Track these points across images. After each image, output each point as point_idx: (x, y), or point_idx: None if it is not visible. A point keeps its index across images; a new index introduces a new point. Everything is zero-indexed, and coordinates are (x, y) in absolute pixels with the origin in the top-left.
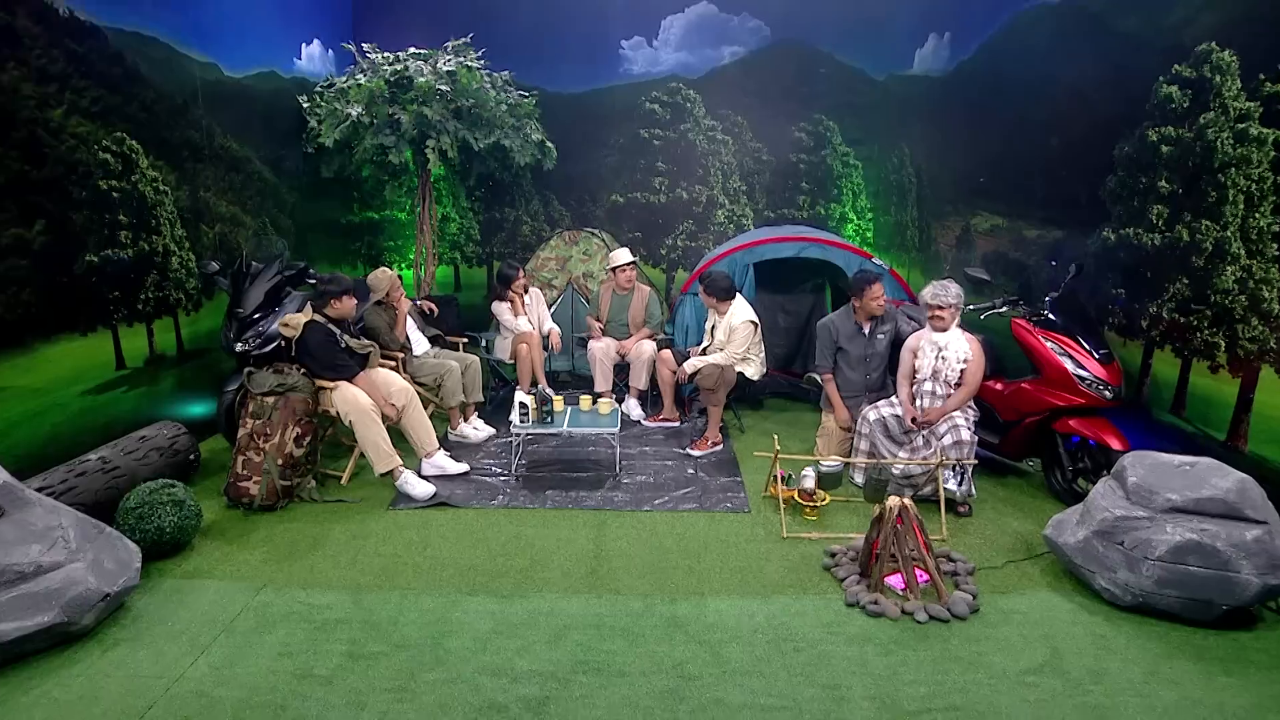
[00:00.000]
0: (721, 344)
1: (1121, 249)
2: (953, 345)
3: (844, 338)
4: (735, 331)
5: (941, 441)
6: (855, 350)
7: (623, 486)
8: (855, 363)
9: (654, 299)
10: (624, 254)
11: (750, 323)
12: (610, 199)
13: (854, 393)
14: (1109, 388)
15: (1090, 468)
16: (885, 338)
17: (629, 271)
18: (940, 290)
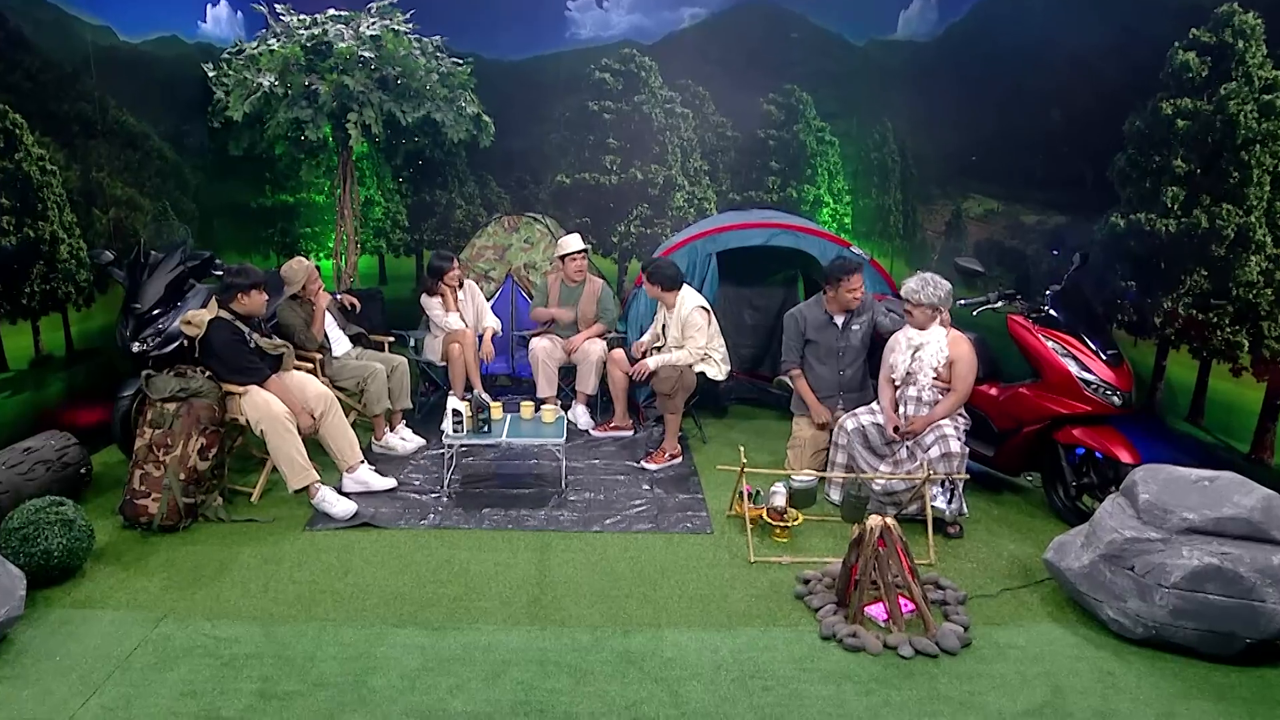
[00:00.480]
0: (678, 340)
1: (1132, 236)
2: (930, 345)
3: (813, 328)
4: (688, 323)
5: (928, 454)
6: (826, 342)
7: (569, 504)
8: (826, 356)
9: (607, 293)
10: (574, 241)
11: (701, 309)
12: (555, 180)
13: (828, 392)
14: (1117, 393)
15: (1096, 483)
16: (860, 329)
17: (579, 261)
18: (918, 286)
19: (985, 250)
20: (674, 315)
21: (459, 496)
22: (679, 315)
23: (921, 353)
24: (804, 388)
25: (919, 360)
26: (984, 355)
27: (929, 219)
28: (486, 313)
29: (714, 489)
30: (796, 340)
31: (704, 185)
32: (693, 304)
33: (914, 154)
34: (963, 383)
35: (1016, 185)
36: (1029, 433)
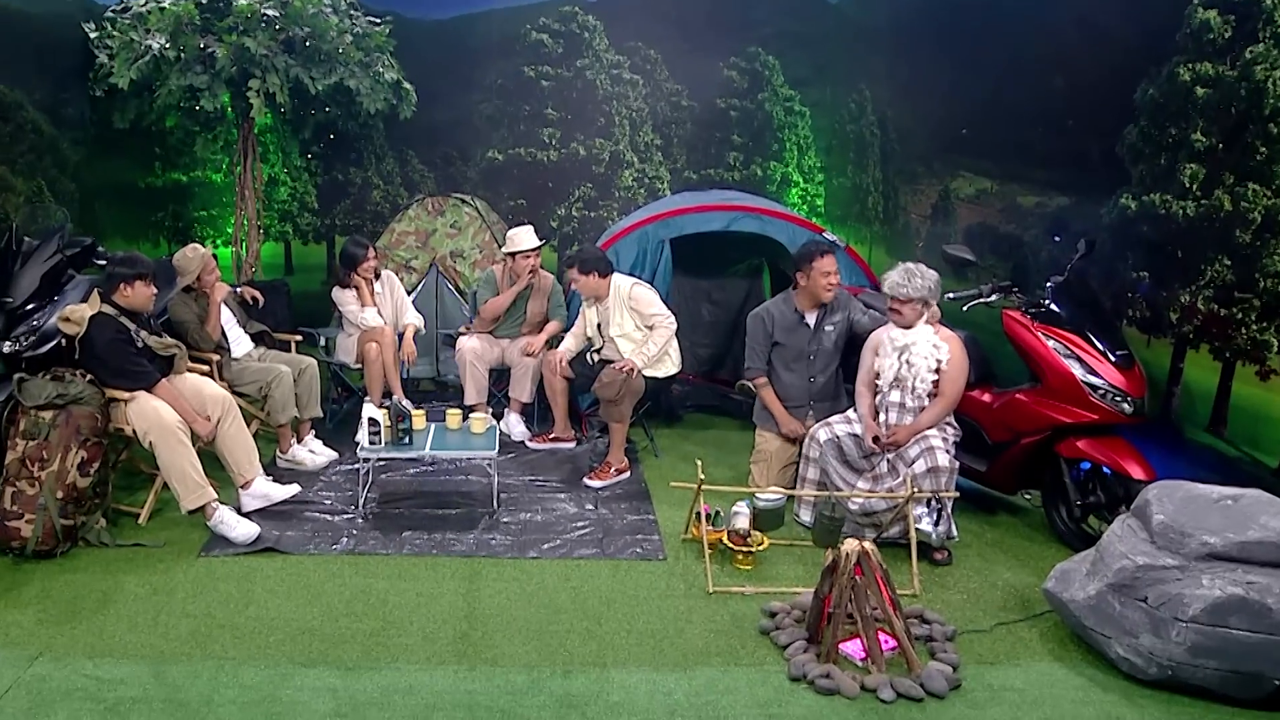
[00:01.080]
0: (625, 331)
1: (1144, 220)
2: (920, 346)
3: (781, 329)
4: (639, 302)
5: (912, 468)
6: (795, 344)
7: (502, 527)
8: (795, 361)
9: (558, 291)
10: (527, 237)
11: (641, 284)
12: (486, 157)
13: (796, 402)
14: (1128, 399)
15: (1104, 502)
16: (834, 330)
17: (532, 260)
18: (903, 279)
19: (977, 236)
20: (611, 305)
21: (376, 518)
22: (619, 302)
23: (911, 354)
24: (770, 398)
25: (909, 364)
26: (976, 356)
27: (913, 201)
28: (407, 308)
29: (667, 509)
30: (762, 344)
31: (656, 162)
32: (629, 283)
33: (896, 126)
34: (952, 387)
35: (1013, 162)
36: (1027, 445)
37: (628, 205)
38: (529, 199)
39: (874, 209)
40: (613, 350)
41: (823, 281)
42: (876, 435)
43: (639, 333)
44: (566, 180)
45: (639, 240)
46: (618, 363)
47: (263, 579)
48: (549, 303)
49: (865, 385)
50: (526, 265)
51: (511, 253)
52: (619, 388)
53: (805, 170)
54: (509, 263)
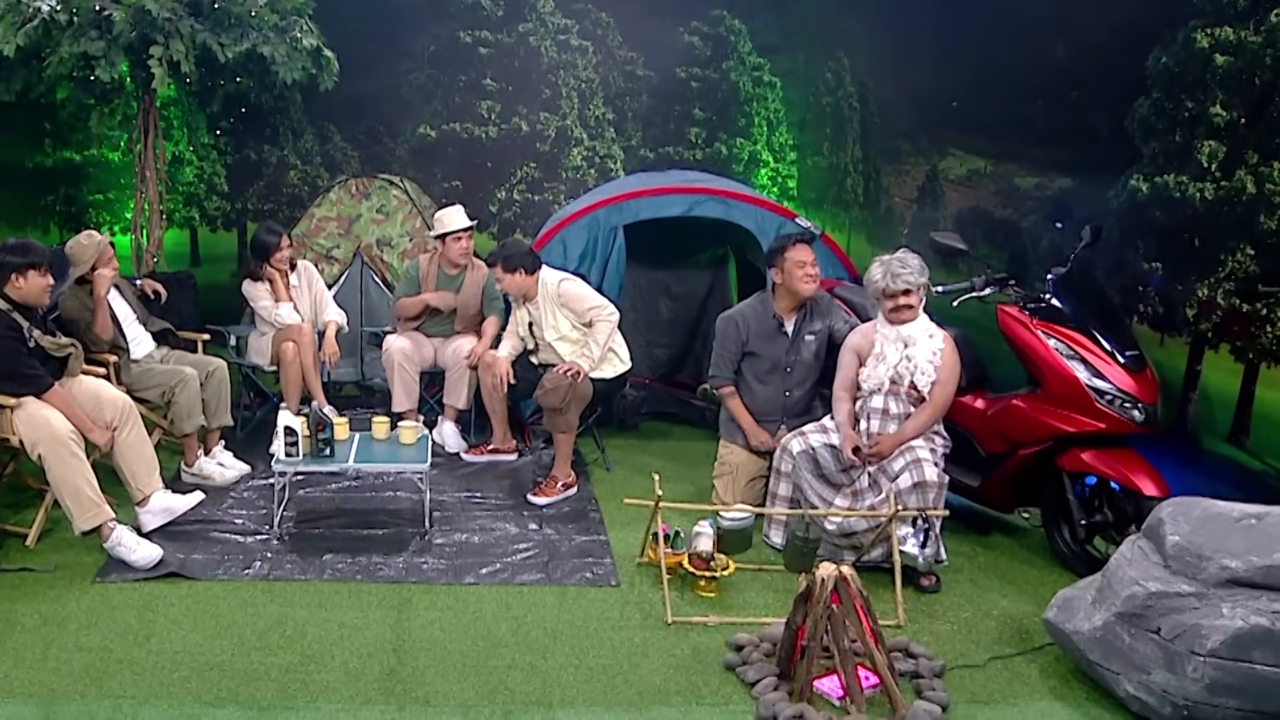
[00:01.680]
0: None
1: (1157, 204)
2: (922, 342)
3: (756, 336)
4: (571, 299)
5: (896, 483)
6: (771, 354)
7: (435, 549)
8: (769, 373)
9: (493, 280)
10: (456, 216)
11: (569, 279)
12: (416, 133)
13: (767, 417)
14: (1139, 405)
15: (1112, 522)
16: (815, 340)
17: (465, 242)
18: (900, 267)
19: (969, 222)
20: (541, 305)
21: (293, 539)
22: (549, 301)
23: (913, 350)
24: (738, 407)
25: (910, 361)
26: (968, 357)
27: (897, 183)
28: (328, 303)
29: (621, 529)
30: (733, 350)
31: (608, 139)
32: (556, 279)
33: (877, 99)
34: (940, 391)
35: (1009, 139)
36: (1025, 457)
37: (576, 187)
38: (465, 180)
39: (853, 192)
40: (550, 354)
41: (799, 273)
42: (856, 446)
43: (576, 332)
44: (507, 159)
45: (588, 227)
46: (561, 366)
47: (166, 608)
48: (484, 295)
49: (844, 389)
50: (459, 249)
51: (441, 235)
52: (564, 394)
53: (776, 148)
54: (439, 249)
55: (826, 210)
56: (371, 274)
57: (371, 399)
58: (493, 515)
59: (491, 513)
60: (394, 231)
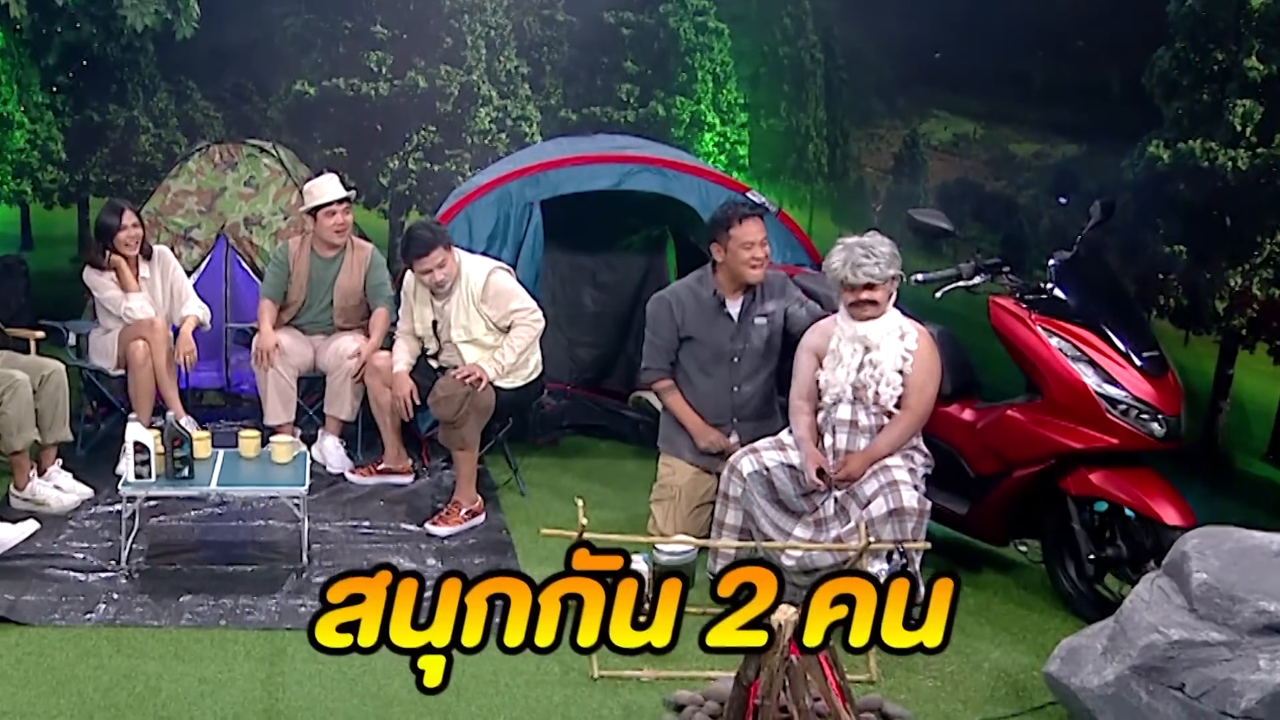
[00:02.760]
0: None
1: (1181, 176)
2: (887, 344)
3: (694, 319)
4: (496, 294)
5: (868, 510)
6: (713, 341)
7: (315, 589)
8: (712, 363)
9: (379, 262)
10: (329, 186)
11: (501, 269)
12: (292, 90)
13: (714, 420)
14: (1158, 417)
15: (1126, 556)
16: (767, 324)
17: (340, 217)
18: (864, 255)
19: (955, 197)
20: (453, 301)
21: (145, 577)
22: (466, 295)
23: (877, 354)
24: (677, 403)
25: (873, 366)
26: (953, 359)
27: (868, 150)
28: (187, 294)
29: (538, 564)
30: (667, 337)
31: (522, 98)
32: (484, 268)
33: (845, 49)
34: (918, 397)
35: (1003, 97)
36: (1023, 479)
37: (484, 156)
38: (351, 147)
39: (816, 161)
40: (454, 357)
41: (745, 255)
42: (820, 466)
43: (491, 336)
44: (401, 122)
45: (499, 203)
46: (459, 370)
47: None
48: (367, 282)
49: (803, 398)
50: (333, 225)
51: (312, 209)
52: (459, 404)
53: (723, 109)
54: (311, 227)
55: (784, 183)
56: (238, 259)
57: (239, 409)
58: (384, 548)
59: (383, 545)
60: (265, 208)
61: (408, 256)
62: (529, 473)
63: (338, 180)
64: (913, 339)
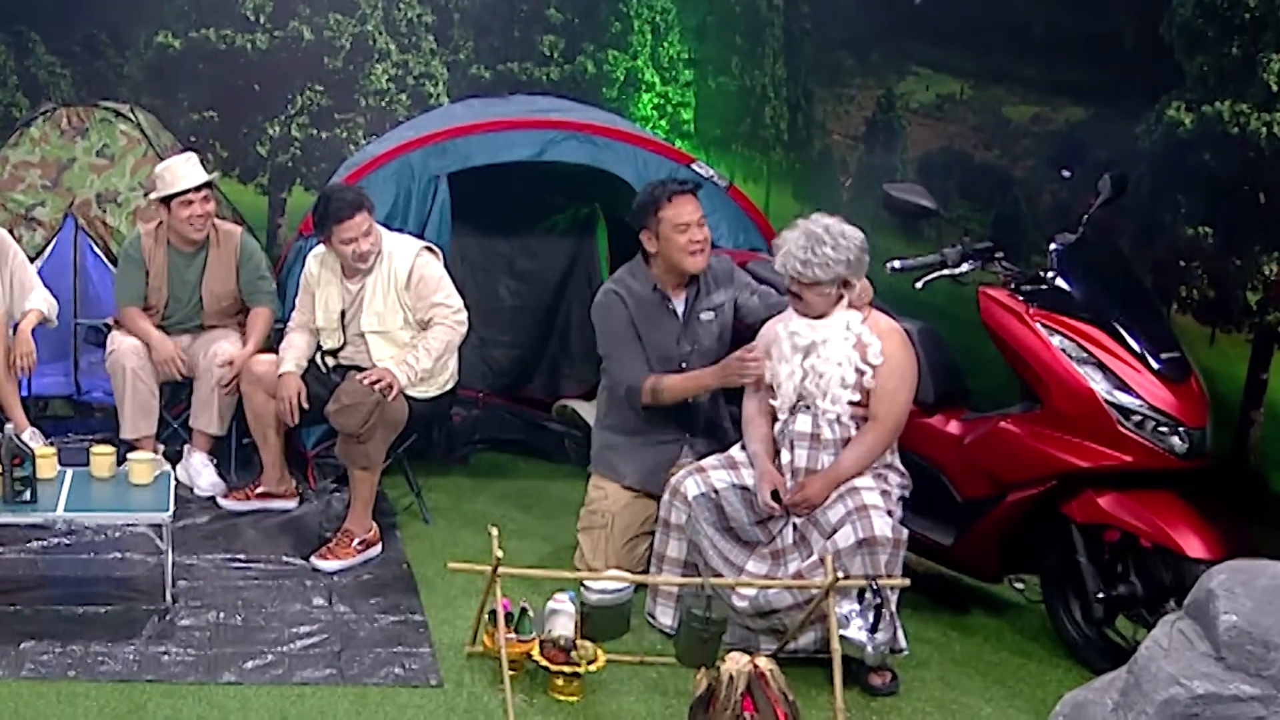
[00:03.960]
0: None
1: (1205, 144)
2: (833, 347)
3: (639, 315)
4: (419, 282)
5: (835, 540)
6: (659, 342)
7: (181, 634)
8: (660, 367)
9: (254, 251)
10: (186, 169)
11: (428, 249)
12: (155, 43)
13: (665, 437)
14: (1179, 429)
15: (1141, 594)
16: (716, 319)
17: (199, 206)
18: (814, 249)
19: (939, 169)
20: (371, 283)
21: None
22: (387, 277)
23: (819, 354)
24: (675, 382)
25: (815, 371)
26: (935, 361)
27: (836, 113)
28: (30, 285)
29: (444, 606)
30: (631, 332)
31: (426, 52)
32: (411, 248)
33: None
34: (889, 406)
35: (995, 52)
36: (1019, 503)
37: (380, 120)
38: (223, 110)
39: (774, 126)
40: (359, 354)
41: (681, 241)
42: (775, 487)
43: (407, 331)
44: (283, 81)
45: (398, 177)
46: (368, 373)
47: None
48: (240, 275)
49: (756, 408)
50: (189, 217)
51: (165, 198)
52: (367, 414)
53: (664, 65)
54: (164, 217)
55: (737, 152)
56: (90, 243)
57: (90, 420)
58: (263, 586)
59: (261, 582)
60: (121, 183)
61: (325, 223)
62: (434, 496)
63: (196, 161)
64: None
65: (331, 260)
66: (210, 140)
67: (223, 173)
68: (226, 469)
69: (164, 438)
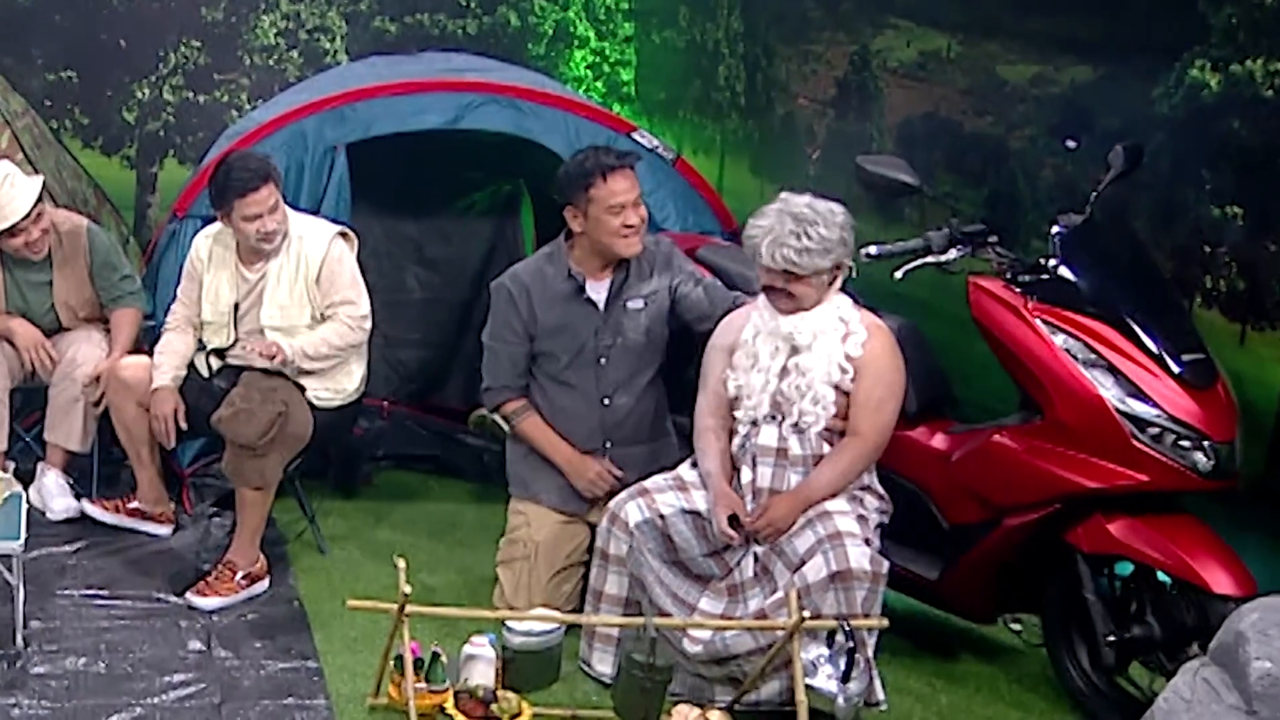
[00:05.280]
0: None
1: (1234, 109)
2: (822, 345)
3: (546, 309)
4: (333, 275)
5: (802, 574)
6: (572, 339)
7: (33, 683)
8: (573, 369)
9: (105, 246)
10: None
11: (343, 235)
12: None
13: (580, 443)
14: (1203, 443)
15: (1158, 637)
16: (645, 310)
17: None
18: (793, 232)
19: (922, 139)
20: (274, 270)
21: None
22: (298, 261)
23: (805, 357)
24: (537, 430)
25: (799, 373)
26: (918, 363)
27: (802, 74)
28: None
29: (342, 650)
30: (513, 339)
31: (321, 2)
32: (325, 232)
33: None
34: (872, 419)
35: (988, 1)
36: (1016, 530)
37: (268, 82)
38: (84, 70)
39: (729, 89)
40: (251, 354)
41: (613, 223)
42: (733, 511)
43: (310, 328)
44: (154, 35)
45: (288, 147)
46: (251, 345)
47: None
48: (94, 275)
49: (713, 415)
50: (21, 245)
51: None
52: (267, 423)
53: (600, 17)
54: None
55: (685, 120)
56: None
57: None
58: (130, 627)
59: (128, 624)
60: None
61: (225, 196)
62: (331, 522)
63: (16, 175)
64: (860, 339)
65: (228, 241)
66: (68, 105)
67: (83, 143)
68: (86, 488)
69: (14, 453)
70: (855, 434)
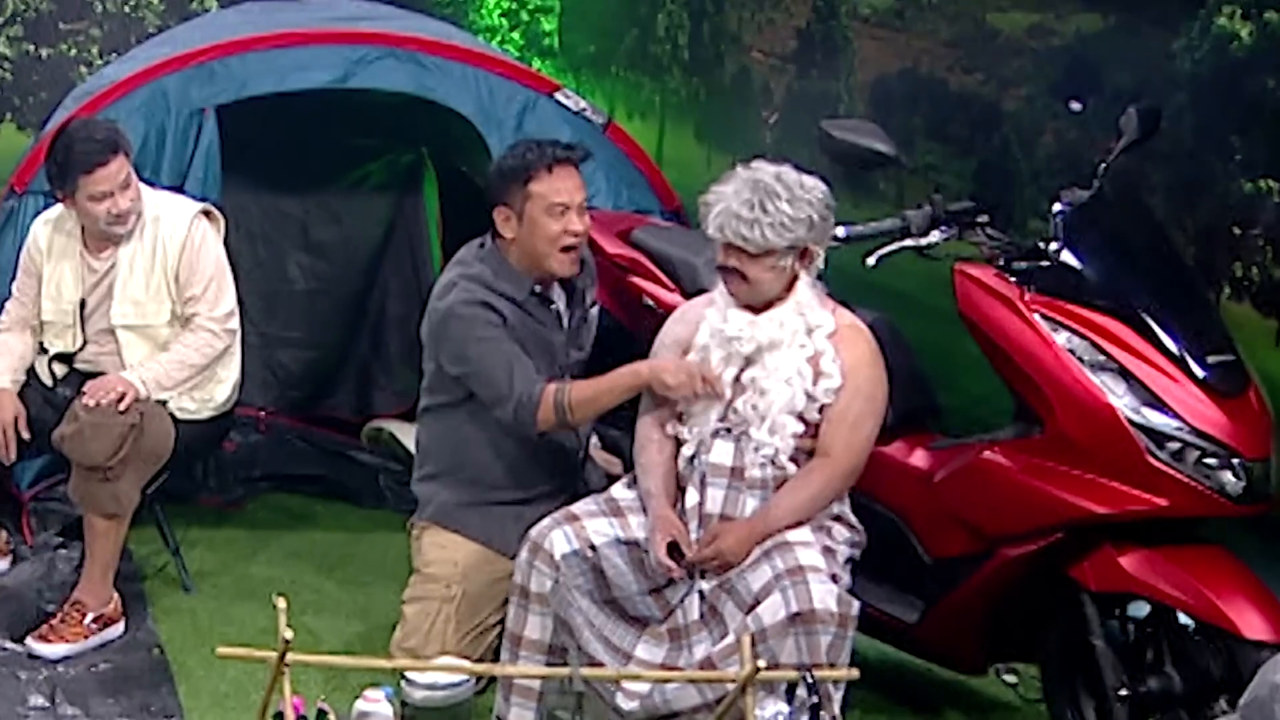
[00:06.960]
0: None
1: (1269, 66)
2: (781, 360)
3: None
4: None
5: (756, 614)
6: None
7: None
8: None
9: None
10: None
11: (206, 213)
12: None
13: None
14: (1232, 461)
15: (1179, 689)
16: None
17: None
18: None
19: (900, 101)
20: (131, 251)
21: None
22: (154, 245)
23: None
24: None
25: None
26: (895, 366)
27: (756, 23)
28: None
29: (211, 706)
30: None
31: None
32: (185, 211)
33: None
34: (848, 440)
35: None
36: (1010, 564)
37: (123, 34)
38: None
39: (670, 41)
40: (104, 356)
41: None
42: (674, 538)
43: (171, 328)
44: None
45: (148, 110)
46: (90, 386)
47: None
48: None
49: (656, 428)
50: None
51: None
52: (118, 440)
53: None
54: None
55: (618, 77)
56: None
57: None
58: None
59: None
60: None
61: (69, 174)
62: (198, 555)
63: None
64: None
65: (70, 227)
66: None
67: None
68: None
69: None
70: (826, 455)
